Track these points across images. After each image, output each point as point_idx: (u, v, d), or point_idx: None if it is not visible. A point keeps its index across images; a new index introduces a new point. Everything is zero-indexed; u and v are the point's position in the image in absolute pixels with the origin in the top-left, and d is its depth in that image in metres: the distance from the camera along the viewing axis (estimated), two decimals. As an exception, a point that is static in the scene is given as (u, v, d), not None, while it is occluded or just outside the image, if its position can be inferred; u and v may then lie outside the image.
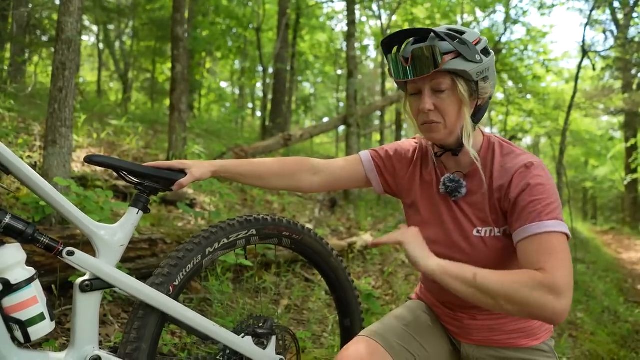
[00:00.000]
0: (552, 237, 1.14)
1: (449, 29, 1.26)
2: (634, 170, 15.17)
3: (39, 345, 1.88)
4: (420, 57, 1.21)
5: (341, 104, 19.66)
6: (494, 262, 1.27)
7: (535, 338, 1.38)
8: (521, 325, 1.36)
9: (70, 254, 1.20)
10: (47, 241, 1.18)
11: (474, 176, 1.33)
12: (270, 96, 11.50)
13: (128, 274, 1.46)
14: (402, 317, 1.43)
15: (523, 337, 1.37)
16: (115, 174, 1.38)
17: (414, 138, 1.52)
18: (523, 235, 1.18)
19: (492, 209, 1.28)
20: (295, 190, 1.51)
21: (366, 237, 4.61)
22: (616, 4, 10.41)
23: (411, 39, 1.29)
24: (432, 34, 1.24)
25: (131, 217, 1.32)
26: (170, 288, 1.29)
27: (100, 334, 2.12)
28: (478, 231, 1.30)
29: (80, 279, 1.22)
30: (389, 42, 1.31)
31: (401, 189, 1.48)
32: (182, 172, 1.38)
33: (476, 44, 1.25)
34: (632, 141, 14.77)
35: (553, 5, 10.06)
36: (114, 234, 1.28)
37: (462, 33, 1.26)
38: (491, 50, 1.30)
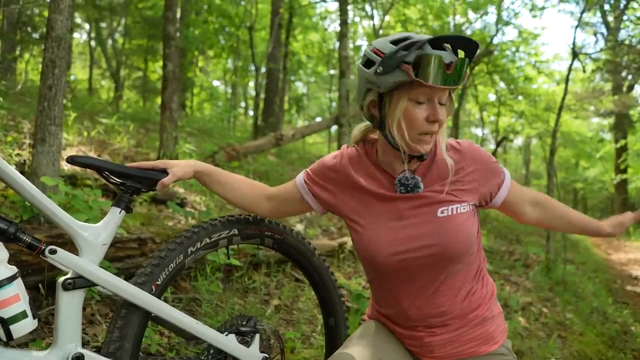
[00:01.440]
0: (511, 179, 1.43)
1: None
2: (624, 171, 15.32)
3: (25, 344, 1.87)
4: (459, 68, 1.20)
5: (334, 104, 19.68)
6: (462, 235, 1.29)
7: (494, 342, 1.38)
8: (478, 332, 1.37)
9: (53, 252, 1.20)
10: (29, 240, 1.17)
11: (424, 170, 1.34)
12: (262, 95, 11.49)
13: (116, 273, 1.45)
14: (367, 341, 1.38)
15: (482, 344, 1.37)
16: (104, 174, 1.39)
17: (343, 149, 1.47)
18: (503, 195, 1.40)
19: (449, 191, 1.32)
20: (253, 213, 1.52)
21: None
22: (607, 7, 10.50)
23: (450, 47, 1.24)
24: (474, 46, 1.24)
25: (114, 216, 1.33)
26: (153, 287, 1.29)
27: (87, 334, 2.11)
28: (442, 211, 1.30)
29: (62, 278, 1.22)
30: (438, 40, 1.22)
31: (342, 204, 1.41)
32: (165, 172, 1.39)
33: None
34: (622, 142, 14.91)
35: (544, 8, 10.13)
36: (97, 233, 1.29)
37: None
38: None
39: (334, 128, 10.30)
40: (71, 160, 1.28)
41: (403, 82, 1.21)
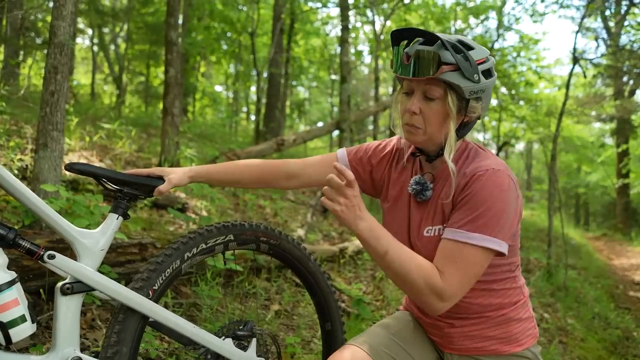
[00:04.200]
0: (466, 248, 1.19)
1: (459, 41, 1.26)
2: (625, 176, 15.29)
3: (25, 349, 1.88)
4: (421, 60, 1.22)
5: (335, 109, 19.69)
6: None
7: (518, 344, 1.37)
8: (500, 330, 1.36)
9: (51, 257, 1.22)
10: (28, 246, 1.20)
11: (444, 179, 1.33)
12: (264, 100, 11.51)
13: (117, 278, 1.47)
14: (389, 326, 1.43)
15: (504, 344, 1.36)
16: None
17: (394, 138, 1.54)
18: (447, 235, 1.23)
19: (447, 212, 1.29)
20: (273, 188, 1.56)
21: (358, 243, 4.62)
22: (608, 12, 10.52)
23: (420, 39, 1.30)
24: (439, 41, 1.24)
25: (111, 222, 1.36)
26: (150, 292, 1.31)
27: (87, 339, 2.11)
28: (427, 231, 1.32)
29: (61, 282, 1.24)
30: (399, 35, 1.31)
31: (376, 185, 1.50)
32: (161, 179, 1.42)
33: (480, 64, 1.25)
34: (623, 147, 14.88)
35: (545, 13, 10.16)
36: (95, 239, 1.31)
37: (470, 48, 1.26)
38: (495, 73, 1.31)
39: (336, 133, 10.31)
40: (69, 167, 1.31)
41: (397, 77, 1.33)
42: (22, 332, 1.16)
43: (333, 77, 16.71)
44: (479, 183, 1.22)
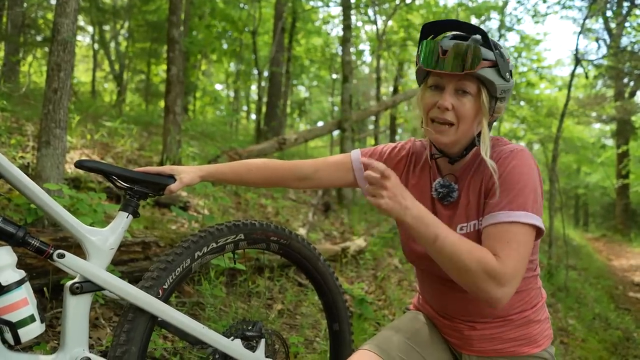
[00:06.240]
0: (513, 227, 1.16)
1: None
2: (625, 177, 15.31)
3: (29, 348, 1.87)
4: (459, 54, 1.18)
5: (336, 108, 19.68)
6: None
7: (537, 345, 1.37)
8: (521, 332, 1.35)
9: (61, 256, 1.21)
10: (37, 244, 1.19)
11: (468, 175, 1.32)
12: (265, 99, 11.50)
13: (120, 276, 1.46)
14: (403, 329, 1.41)
15: (524, 345, 1.36)
16: (108, 177, 1.41)
17: (408, 141, 1.51)
18: (490, 221, 1.19)
19: (481, 204, 1.28)
20: (284, 187, 1.57)
21: (359, 242, 4.61)
22: (609, 14, 10.52)
23: (451, 33, 1.27)
24: (477, 35, 1.21)
25: (121, 221, 1.35)
26: (160, 291, 1.30)
27: (91, 338, 2.11)
28: (461, 228, 1.29)
29: (70, 282, 1.23)
30: (430, 28, 1.27)
31: None
32: (172, 178, 1.41)
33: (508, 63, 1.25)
34: (624, 148, 14.90)
35: (547, 14, 10.16)
36: (105, 237, 1.30)
37: (500, 47, 1.25)
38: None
39: (337, 132, 10.30)
40: (79, 164, 1.30)
41: (420, 71, 1.29)
42: (31, 332, 1.15)
43: (334, 76, 16.69)
44: (509, 165, 1.22)
